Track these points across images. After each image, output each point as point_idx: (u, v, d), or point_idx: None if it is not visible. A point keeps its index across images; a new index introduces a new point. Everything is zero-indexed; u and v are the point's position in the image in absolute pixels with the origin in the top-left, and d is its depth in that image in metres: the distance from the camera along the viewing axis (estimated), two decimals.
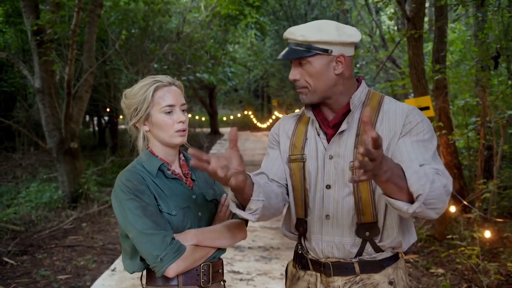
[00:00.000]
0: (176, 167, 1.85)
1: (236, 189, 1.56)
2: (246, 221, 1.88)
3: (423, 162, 1.56)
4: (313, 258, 1.81)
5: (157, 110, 1.75)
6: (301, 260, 1.87)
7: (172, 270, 1.65)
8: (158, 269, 1.65)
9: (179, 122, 1.76)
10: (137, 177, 1.73)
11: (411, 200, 1.46)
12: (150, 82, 1.77)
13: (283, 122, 1.97)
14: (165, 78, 1.80)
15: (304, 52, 1.70)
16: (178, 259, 1.65)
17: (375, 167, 1.31)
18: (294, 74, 1.75)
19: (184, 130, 1.77)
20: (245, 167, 1.61)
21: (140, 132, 1.81)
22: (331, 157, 1.76)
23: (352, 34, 1.74)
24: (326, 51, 1.70)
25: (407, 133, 1.68)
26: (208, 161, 1.41)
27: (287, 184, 1.88)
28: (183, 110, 1.79)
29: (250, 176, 1.60)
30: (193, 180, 1.86)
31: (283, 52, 1.78)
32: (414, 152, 1.62)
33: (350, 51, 1.75)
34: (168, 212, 1.72)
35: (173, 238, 1.67)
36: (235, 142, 1.50)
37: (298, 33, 1.71)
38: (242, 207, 1.66)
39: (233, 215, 1.86)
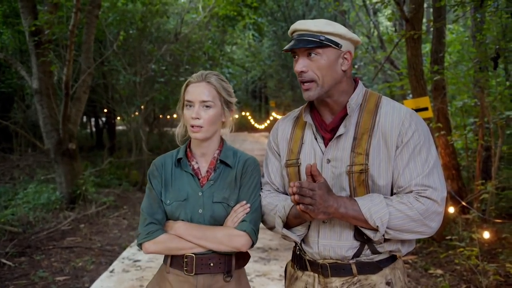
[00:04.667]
0: (200, 162, 1.95)
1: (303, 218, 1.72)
2: (249, 235, 1.85)
3: (415, 179, 1.67)
4: (311, 259, 1.82)
5: (184, 103, 1.92)
6: (299, 261, 1.87)
7: (144, 248, 1.88)
8: (137, 243, 1.91)
9: (192, 117, 1.85)
10: (158, 164, 1.97)
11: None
12: (189, 78, 1.93)
13: (281, 126, 1.96)
14: (198, 75, 1.91)
15: (318, 42, 1.70)
16: (149, 241, 1.85)
17: (313, 204, 1.57)
18: (302, 65, 1.72)
19: (198, 127, 1.85)
20: None
21: (181, 120, 1.98)
22: (328, 161, 1.76)
23: (355, 35, 1.79)
24: (337, 44, 1.72)
25: (404, 146, 1.69)
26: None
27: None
28: (206, 107, 1.86)
29: None
30: (210, 180, 1.91)
31: (291, 43, 1.74)
32: (409, 170, 1.68)
33: (353, 50, 1.79)
34: (164, 201, 1.91)
35: (151, 222, 1.87)
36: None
37: (311, 24, 1.72)
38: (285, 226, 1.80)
39: (238, 225, 1.85)
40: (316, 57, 1.71)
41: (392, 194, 1.72)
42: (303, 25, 1.73)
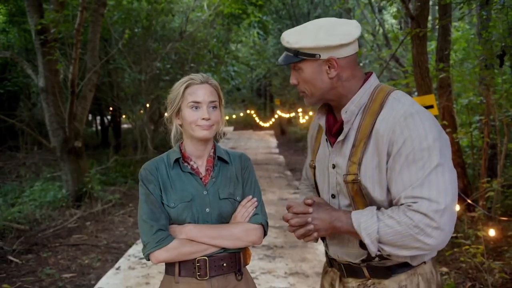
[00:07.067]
0: (197, 162, 1.91)
1: None
2: (263, 227, 1.88)
3: (404, 190, 1.51)
4: (332, 257, 1.82)
5: (185, 105, 1.85)
6: (326, 257, 1.90)
7: (154, 257, 1.77)
8: (143, 253, 1.80)
9: (203, 119, 1.82)
10: (151, 168, 1.87)
11: None
12: (185, 80, 1.88)
13: (313, 124, 1.93)
14: (199, 77, 1.88)
15: (293, 58, 1.65)
16: (161, 249, 1.75)
17: (306, 226, 1.62)
18: (292, 79, 1.71)
19: (209, 126, 1.83)
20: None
21: (173, 125, 1.93)
22: (334, 167, 1.70)
23: (341, 34, 1.59)
24: (313, 56, 1.61)
25: (396, 155, 1.53)
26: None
27: None
28: (213, 107, 1.85)
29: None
30: (212, 177, 1.89)
31: (281, 57, 1.73)
32: (401, 180, 1.52)
33: (344, 52, 1.61)
34: (167, 204, 1.82)
35: (160, 229, 1.76)
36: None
37: (286, 39, 1.66)
38: None
39: (251, 218, 1.86)
40: (299, 71, 1.67)
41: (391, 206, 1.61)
42: (282, 39, 1.68)
